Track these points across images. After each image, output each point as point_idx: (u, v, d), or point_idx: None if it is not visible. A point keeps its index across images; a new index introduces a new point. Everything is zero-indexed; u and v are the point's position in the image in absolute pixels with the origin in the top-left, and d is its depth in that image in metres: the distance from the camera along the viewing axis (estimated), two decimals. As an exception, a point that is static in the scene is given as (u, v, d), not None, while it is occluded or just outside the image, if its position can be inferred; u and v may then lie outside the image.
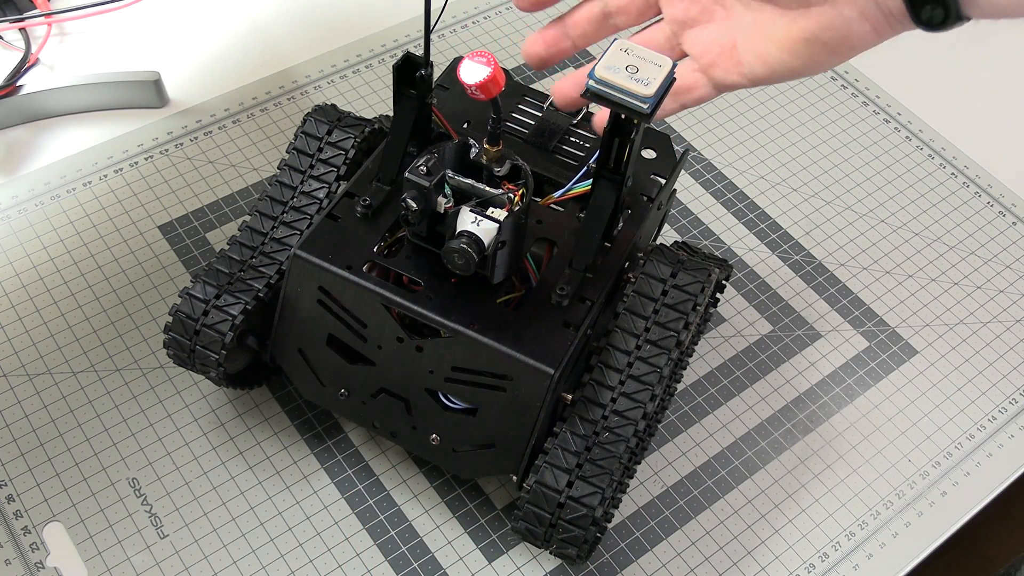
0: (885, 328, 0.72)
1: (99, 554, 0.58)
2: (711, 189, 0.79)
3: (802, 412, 0.67)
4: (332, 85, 0.84)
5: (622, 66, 0.47)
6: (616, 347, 0.54)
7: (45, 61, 0.83)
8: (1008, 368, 0.70)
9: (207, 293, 0.56)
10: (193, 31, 0.87)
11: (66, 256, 0.71)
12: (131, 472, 0.61)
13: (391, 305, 0.54)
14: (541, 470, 0.52)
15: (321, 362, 0.57)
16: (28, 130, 0.79)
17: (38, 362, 0.66)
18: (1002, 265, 0.76)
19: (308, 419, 0.64)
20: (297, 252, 0.55)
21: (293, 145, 0.61)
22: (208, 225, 0.73)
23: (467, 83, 0.48)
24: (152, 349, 0.67)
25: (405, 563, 0.59)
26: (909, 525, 0.63)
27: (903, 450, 0.66)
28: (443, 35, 0.89)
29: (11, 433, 0.62)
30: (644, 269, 0.55)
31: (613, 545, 0.60)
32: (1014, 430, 0.67)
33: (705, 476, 0.64)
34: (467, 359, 0.53)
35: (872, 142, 0.84)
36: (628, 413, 0.53)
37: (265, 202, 0.60)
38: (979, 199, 0.80)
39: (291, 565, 0.58)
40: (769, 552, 0.61)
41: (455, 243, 0.50)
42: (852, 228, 0.78)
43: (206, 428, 0.63)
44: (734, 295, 0.73)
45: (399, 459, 0.63)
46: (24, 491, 0.60)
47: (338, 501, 0.61)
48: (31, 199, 0.74)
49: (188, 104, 0.81)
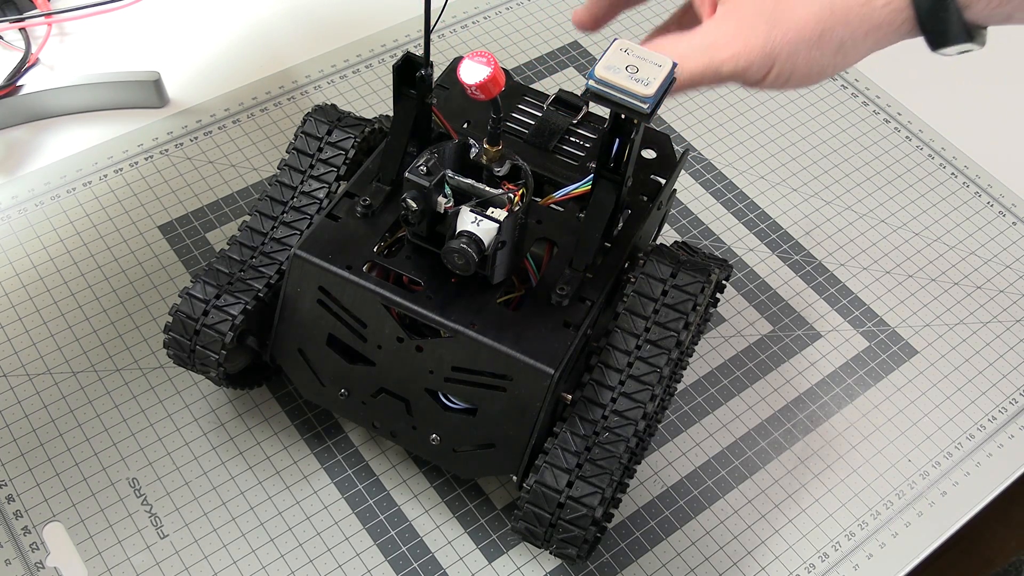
0: (885, 328, 0.72)
1: (99, 554, 0.58)
2: (711, 189, 0.79)
3: (802, 412, 0.67)
4: (332, 85, 0.84)
5: (622, 66, 0.47)
6: (616, 347, 0.54)
7: (45, 61, 0.83)
8: (1008, 368, 0.70)
9: (207, 293, 0.56)
10: (193, 31, 0.87)
11: (66, 256, 0.71)
12: (131, 472, 0.61)
13: (391, 305, 0.54)
14: (541, 470, 0.52)
15: (321, 362, 0.57)
16: (28, 130, 0.79)
17: (38, 362, 0.66)
18: (1002, 265, 0.76)
19: (308, 419, 0.64)
20: (297, 252, 0.55)
21: (293, 145, 0.61)
22: (208, 225, 0.73)
23: (467, 83, 0.48)
24: (152, 349, 0.67)
25: (405, 563, 0.59)
26: (909, 525, 0.63)
27: (903, 450, 0.66)
28: (443, 35, 0.89)
29: (11, 433, 0.62)
30: (644, 269, 0.55)
31: (613, 545, 0.60)
32: (1014, 430, 0.67)
33: (705, 476, 0.64)
34: (467, 359, 0.53)
35: (872, 142, 0.84)
36: (628, 413, 0.53)
37: (265, 202, 0.60)
38: (979, 199, 0.80)
39: (291, 565, 0.58)
40: (769, 552, 0.61)
41: (455, 243, 0.50)
42: (852, 228, 0.78)
43: (206, 428, 0.63)
44: (734, 295, 0.73)
45: (399, 459, 0.63)
46: (24, 491, 0.60)
47: (338, 501, 0.61)
48: (31, 199, 0.74)
49: (188, 104, 0.81)
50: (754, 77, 0.49)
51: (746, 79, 0.50)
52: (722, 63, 0.49)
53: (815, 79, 0.49)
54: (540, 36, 0.89)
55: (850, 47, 0.48)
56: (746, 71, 0.49)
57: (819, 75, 0.49)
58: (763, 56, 0.48)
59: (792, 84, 0.50)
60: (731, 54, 0.48)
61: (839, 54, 0.48)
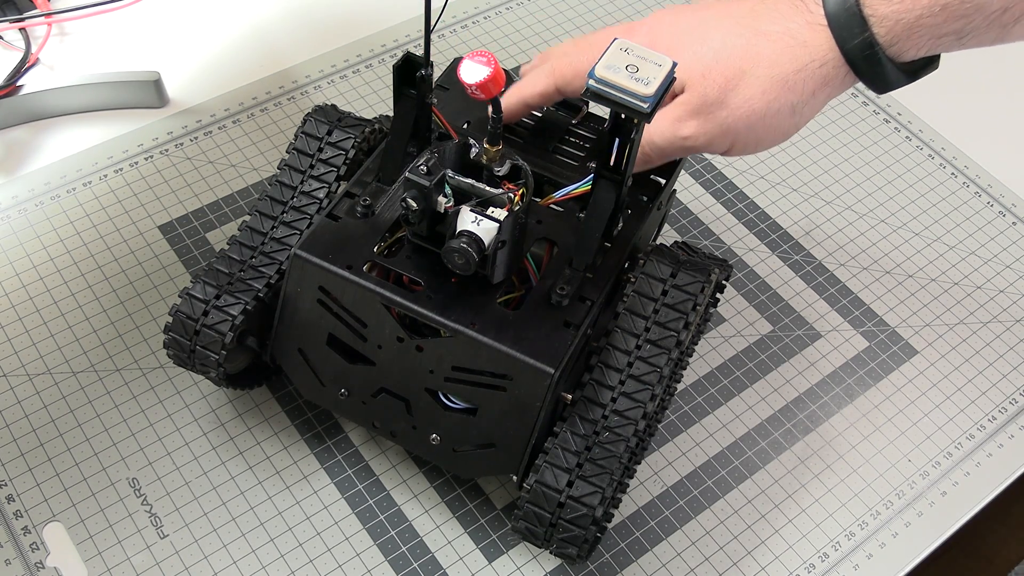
0: (885, 328, 0.72)
1: (99, 554, 0.58)
2: (711, 189, 0.79)
3: (802, 412, 0.67)
4: (332, 85, 0.84)
5: (622, 65, 0.47)
6: (616, 347, 0.54)
7: (45, 61, 0.83)
8: (1008, 368, 0.70)
9: (207, 293, 0.56)
10: (193, 31, 0.87)
11: (66, 256, 0.71)
12: (131, 472, 0.61)
13: (391, 305, 0.54)
14: (541, 470, 0.52)
15: (321, 362, 0.57)
16: (28, 130, 0.79)
17: (38, 362, 0.66)
18: (1002, 265, 0.76)
19: (308, 419, 0.64)
20: (297, 252, 0.55)
21: (293, 145, 0.61)
22: (208, 225, 0.73)
23: (467, 83, 0.48)
24: (152, 349, 0.67)
25: (405, 563, 0.59)
26: (909, 525, 0.63)
27: (903, 450, 0.66)
28: (443, 35, 0.89)
29: (11, 433, 0.62)
30: (644, 269, 0.55)
31: (613, 545, 0.60)
32: (1014, 430, 0.67)
33: (705, 476, 0.64)
34: (467, 359, 0.53)
35: (872, 142, 0.84)
36: (628, 413, 0.53)
37: (265, 202, 0.60)
38: (979, 199, 0.80)
39: (291, 565, 0.58)
40: (769, 552, 0.61)
41: (455, 243, 0.50)
42: (852, 228, 0.78)
43: (206, 428, 0.63)
44: (734, 295, 0.73)
45: (399, 459, 0.63)
46: (24, 491, 0.60)
47: (338, 501, 0.61)
48: (31, 199, 0.74)
49: (188, 104, 0.81)
50: (719, 149, 0.54)
51: (712, 151, 0.54)
52: (685, 138, 0.53)
53: (782, 139, 0.54)
54: (540, 36, 0.89)
55: (802, 107, 0.52)
56: (709, 145, 0.53)
57: (784, 135, 0.53)
58: (722, 133, 0.53)
59: (761, 148, 0.54)
60: (691, 131, 0.53)
61: (795, 115, 0.52)
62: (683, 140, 0.53)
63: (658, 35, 0.54)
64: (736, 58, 0.51)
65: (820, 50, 0.50)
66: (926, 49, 0.49)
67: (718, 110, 0.51)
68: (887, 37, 0.48)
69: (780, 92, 0.50)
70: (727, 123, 0.51)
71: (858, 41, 0.48)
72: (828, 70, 0.50)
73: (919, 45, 0.49)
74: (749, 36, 0.51)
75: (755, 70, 0.50)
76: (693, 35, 0.53)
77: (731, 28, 0.52)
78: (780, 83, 0.50)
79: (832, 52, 0.49)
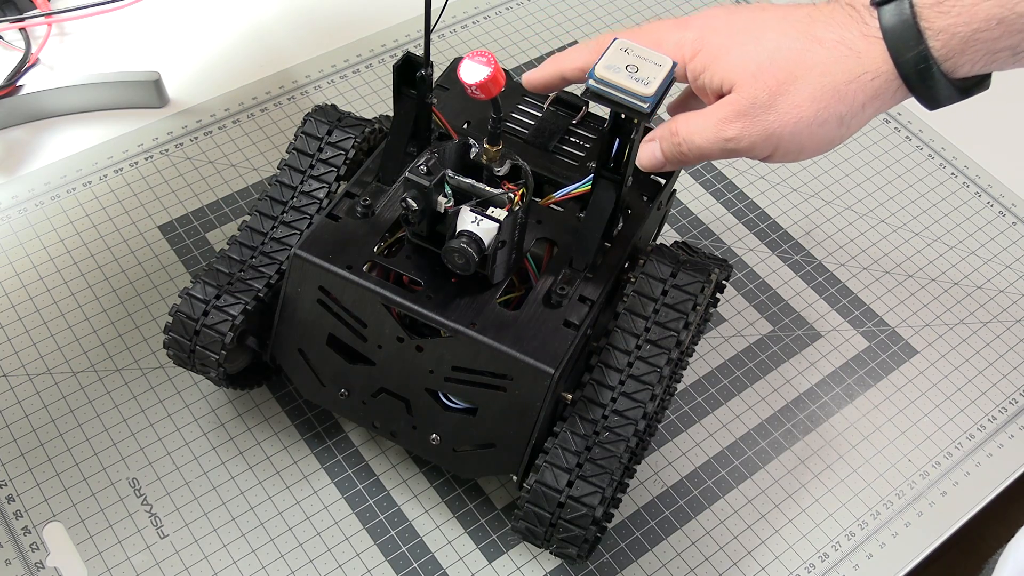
0: (885, 328, 0.72)
1: (99, 554, 0.58)
2: (711, 189, 0.79)
3: (802, 412, 0.67)
4: (332, 85, 0.84)
5: (622, 65, 0.47)
6: (616, 347, 0.54)
7: (45, 61, 0.83)
8: (1008, 368, 0.70)
9: (207, 293, 0.56)
10: (193, 31, 0.87)
11: (66, 256, 0.71)
12: (131, 472, 0.61)
13: (391, 305, 0.54)
14: (541, 469, 0.52)
15: (321, 362, 0.57)
16: (28, 130, 0.79)
17: (38, 362, 0.66)
18: (1002, 265, 0.76)
19: (308, 419, 0.64)
20: (297, 252, 0.55)
21: (293, 145, 0.61)
22: (208, 225, 0.73)
23: (467, 83, 0.48)
24: (152, 349, 0.67)
25: (405, 563, 0.59)
26: (909, 525, 0.63)
27: (903, 450, 0.66)
28: (443, 35, 0.89)
29: (11, 433, 0.62)
30: (644, 269, 0.55)
31: (613, 545, 0.60)
32: (1014, 430, 0.67)
33: (705, 476, 0.64)
34: (467, 359, 0.53)
35: (872, 142, 0.84)
36: (628, 413, 0.53)
37: (265, 202, 0.60)
38: (979, 199, 0.80)
39: (291, 565, 0.58)
40: (769, 552, 0.61)
41: (455, 243, 0.50)
42: (852, 228, 0.78)
43: (206, 428, 0.63)
44: (734, 295, 0.73)
45: (399, 459, 0.63)
46: (24, 491, 0.60)
47: (338, 501, 0.61)
48: (31, 199, 0.74)
49: (188, 104, 0.81)
50: (760, 155, 0.52)
51: (752, 156, 0.52)
52: (728, 139, 0.51)
53: (825, 149, 0.52)
54: (540, 36, 0.89)
55: (850, 119, 0.50)
56: (751, 149, 0.51)
57: (828, 146, 0.52)
58: (766, 138, 0.51)
59: (803, 157, 0.52)
60: (736, 133, 0.51)
61: (842, 127, 0.50)
62: (726, 142, 0.51)
63: (710, 32, 0.52)
64: (790, 62, 0.50)
65: (874, 62, 0.48)
66: (981, 65, 0.48)
67: (765, 114, 0.50)
68: (942, 51, 0.47)
69: (830, 101, 0.49)
70: (773, 128, 0.50)
71: (913, 54, 0.47)
72: (880, 83, 0.49)
73: (974, 60, 0.48)
74: (805, 41, 0.50)
75: (807, 76, 0.49)
76: (747, 34, 0.51)
77: (787, 31, 0.50)
78: (831, 92, 0.49)
79: (886, 65, 0.48)
